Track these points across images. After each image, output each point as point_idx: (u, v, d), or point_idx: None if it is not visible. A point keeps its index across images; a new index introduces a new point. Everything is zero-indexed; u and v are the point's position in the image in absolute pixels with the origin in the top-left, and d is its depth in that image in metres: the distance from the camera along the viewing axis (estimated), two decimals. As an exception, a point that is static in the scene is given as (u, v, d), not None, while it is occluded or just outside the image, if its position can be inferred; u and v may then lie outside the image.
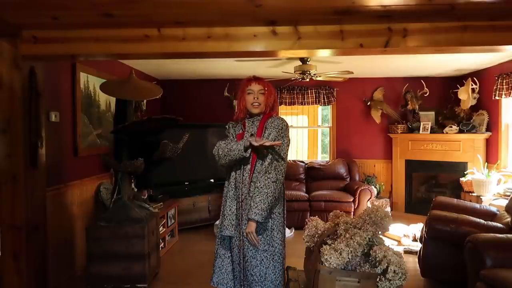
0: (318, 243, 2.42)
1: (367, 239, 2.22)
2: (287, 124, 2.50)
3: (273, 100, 2.51)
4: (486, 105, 5.71)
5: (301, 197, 5.64)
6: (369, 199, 5.56)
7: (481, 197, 4.89)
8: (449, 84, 6.32)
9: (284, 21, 2.52)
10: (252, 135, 2.45)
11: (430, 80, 6.36)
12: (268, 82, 2.53)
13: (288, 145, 2.47)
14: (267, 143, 2.30)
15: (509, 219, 3.43)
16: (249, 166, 2.42)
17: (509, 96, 4.96)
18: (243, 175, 2.43)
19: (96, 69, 4.29)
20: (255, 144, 2.32)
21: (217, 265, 2.53)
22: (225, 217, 2.46)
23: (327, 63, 5.18)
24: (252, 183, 2.39)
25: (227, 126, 2.62)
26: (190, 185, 5.72)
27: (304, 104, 6.70)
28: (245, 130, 2.50)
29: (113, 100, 4.27)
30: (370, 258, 2.17)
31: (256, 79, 2.50)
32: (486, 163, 5.47)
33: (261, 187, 2.32)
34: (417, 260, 3.89)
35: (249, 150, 2.37)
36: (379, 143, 6.75)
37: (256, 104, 2.45)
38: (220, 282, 2.51)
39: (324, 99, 6.63)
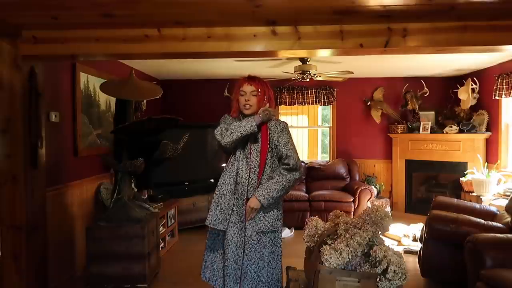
0: (318, 243, 2.42)
1: (367, 239, 2.22)
2: (288, 126, 2.56)
3: (268, 100, 2.50)
4: (486, 105, 5.71)
5: (301, 197, 5.64)
6: (369, 199, 5.56)
7: (481, 197, 4.89)
8: (449, 84, 6.32)
9: (284, 21, 2.52)
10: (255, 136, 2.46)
11: (430, 80, 6.35)
12: (263, 81, 2.51)
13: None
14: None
15: (509, 219, 3.43)
16: (258, 169, 2.43)
17: (509, 96, 4.96)
18: (250, 176, 2.43)
19: (96, 69, 4.29)
20: (261, 116, 2.39)
21: (210, 259, 2.51)
22: (222, 211, 2.44)
23: (327, 63, 5.18)
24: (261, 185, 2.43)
25: (225, 116, 2.61)
26: (190, 185, 5.71)
27: (304, 104, 6.70)
28: None
29: (113, 100, 4.27)
30: (370, 258, 2.17)
31: (249, 79, 2.48)
32: (486, 163, 5.46)
33: (281, 178, 2.40)
34: (417, 260, 3.88)
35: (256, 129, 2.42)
36: (379, 143, 6.75)
37: (248, 105, 2.45)
38: (211, 278, 2.50)
39: (324, 99, 6.63)
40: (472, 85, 5.69)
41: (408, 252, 4.46)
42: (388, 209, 5.72)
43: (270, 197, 2.37)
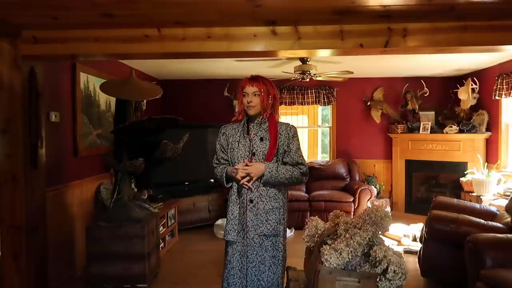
0: (318, 243, 2.42)
1: (367, 239, 2.22)
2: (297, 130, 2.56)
3: (273, 99, 2.42)
4: (486, 105, 5.71)
5: (301, 197, 5.65)
6: (369, 199, 5.56)
7: (481, 197, 4.89)
8: (449, 84, 6.32)
9: (284, 21, 2.52)
10: (262, 138, 2.40)
11: (430, 80, 6.36)
12: (266, 81, 2.42)
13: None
14: (243, 178, 2.33)
15: (509, 219, 3.43)
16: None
17: (509, 96, 4.96)
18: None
19: (96, 69, 4.29)
20: (238, 175, 2.34)
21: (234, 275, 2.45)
22: (228, 221, 2.44)
23: (327, 63, 5.18)
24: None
25: (220, 132, 2.51)
26: (190, 185, 5.71)
27: (304, 104, 6.70)
28: (252, 134, 2.43)
29: (113, 100, 4.27)
30: (370, 258, 2.16)
31: (251, 80, 2.39)
32: (486, 163, 5.46)
33: (294, 171, 2.39)
34: (417, 260, 3.89)
35: (230, 183, 2.42)
36: (379, 143, 6.75)
37: (251, 107, 2.37)
38: None
39: (324, 99, 6.63)
40: (472, 85, 5.69)
41: (408, 252, 4.46)
42: (388, 209, 5.72)
43: (274, 177, 2.33)
